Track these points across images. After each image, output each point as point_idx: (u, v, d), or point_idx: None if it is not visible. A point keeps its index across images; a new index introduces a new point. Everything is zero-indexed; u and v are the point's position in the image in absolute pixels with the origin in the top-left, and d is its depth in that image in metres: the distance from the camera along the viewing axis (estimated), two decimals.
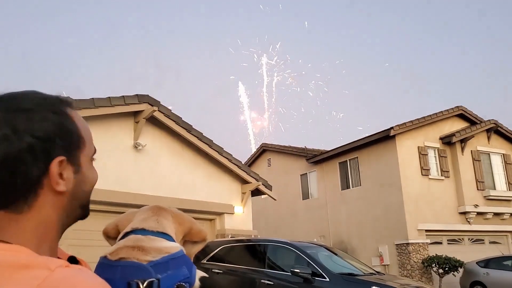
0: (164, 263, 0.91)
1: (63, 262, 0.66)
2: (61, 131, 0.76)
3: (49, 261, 0.65)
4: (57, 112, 0.77)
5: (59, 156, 0.74)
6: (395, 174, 17.32)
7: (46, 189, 0.73)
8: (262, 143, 25.22)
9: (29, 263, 0.63)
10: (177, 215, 1.12)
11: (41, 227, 0.73)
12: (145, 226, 1.01)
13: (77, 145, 0.79)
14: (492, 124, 19.50)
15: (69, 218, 0.80)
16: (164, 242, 0.97)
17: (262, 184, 13.18)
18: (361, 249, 18.03)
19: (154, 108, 10.60)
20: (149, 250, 0.93)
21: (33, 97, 0.77)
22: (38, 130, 0.72)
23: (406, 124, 17.64)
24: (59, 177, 0.74)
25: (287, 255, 8.46)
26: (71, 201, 0.78)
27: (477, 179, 18.76)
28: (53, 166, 0.73)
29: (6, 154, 0.69)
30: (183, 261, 0.96)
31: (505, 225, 19.18)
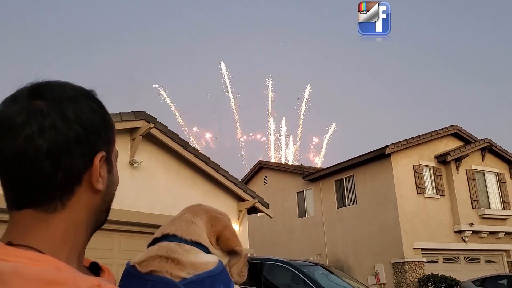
0: (199, 281, 0.82)
1: (94, 280, 0.58)
2: (105, 125, 0.71)
3: (80, 278, 0.57)
4: (99, 104, 0.72)
5: (102, 151, 0.69)
6: (390, 192, 17.36)
7: (84, 187, 0.67)
8: (258, 161, 25.26)
9: (56, 279, 0.55)
10: (213, 216, 1.01)
11: (71, 231, 0.66)
12: (176, 231, 0.92)
13: (113, 142, 0.75)
14: (486, 143, 19.65)
15: (97, 222, 0.73)
16: (201, 256, 0.88)
17: (259, 202, 13.16)
18: (357, 268, 17.94)
19: (151, 125, 10.62)
20: (184, 264, 0.84)
21: (73, 86, 0.71)
22: (87, 120, 0.67)
23: (401, 142, 17.75)
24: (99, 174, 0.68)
25: (283, 274, 8.43)
26: (102, 203, 0.72)
27: (472, 198, 18.82)
28: (96, 161, 0.67)
29: (52, 144, 0.63)
30: (220, 279, 0.86)
31: (500, 243, 19.18)
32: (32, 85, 0.67)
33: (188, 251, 0.87)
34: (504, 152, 20.28)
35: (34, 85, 0.67)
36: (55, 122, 0.63)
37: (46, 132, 0.62)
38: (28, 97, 0.65)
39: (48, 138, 0.62)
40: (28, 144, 0.62)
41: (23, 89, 0.67)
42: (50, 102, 0.65)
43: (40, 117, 0.63)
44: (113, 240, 9.71)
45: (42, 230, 0.63)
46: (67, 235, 0.65)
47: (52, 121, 0.63)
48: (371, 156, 18.12)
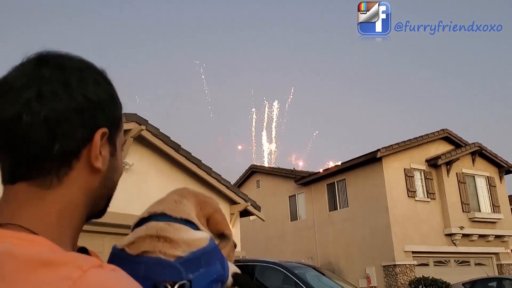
0: (195, 259, 0.77)
1: (96, 260, 0.53)
2: (111, 101, 0.67)
3: (81, 258, 0.52)
4: (106, 79, 0.69)
5: (105, 127, 0.64)
6: (382, 195, 17.44)
7: (82, 163, 0.63)
8: (251, 165, 25.27)
9: (53, 259, 0.51)
10: (201, 198, 0.97)
11: (67, 212, 0.62)
12: (164, 209, 0.87)
13: (118, 125, 0.70)
14: (476, 147, 19.83)
15: (94, 207, 0.68)
16: (192, 233, 0.83)
17: (251, 205, 13.16)
18: (348, 271, 17.97)
19: (142, 127, 10.57)
20: (178, 242, 0.79)
21: (83, 59, 0.68)
22: (92, 92, 0.64)
23: (392, 146, 17.86)
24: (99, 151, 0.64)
25: (275, 276, 8.42)
26: (101, 187, 0.67)
27: (463, 201, 18.96)
28: (97, 135, 0.63)
29: (51, 111, 0.59)
30: (215, 255, 0.82)
31: (490, 247, 19.32)
32: (40, 52, 0.65)
33: (178, 229, 0.82)
34: (494, 156, 20.47)
35: (41, 53, 0.65)
36: (56, 89, 0.60)
37: (45, 98, 0.59)
38: (34, 63, 0.63)
39: (47, 105, 0.59)
40: (25, 109, 0.58)
41: (30, 56, 0.65)
42: (54, 69, 0.62)
43: (41, 82, 0.60)
44: (103, 243, 9.64)
45: (36, 209, 0.59)
46: (62, 216, 0.61)
47: (53, 87, 0.60)
48: (362, 159, 18.20)
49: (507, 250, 19.82)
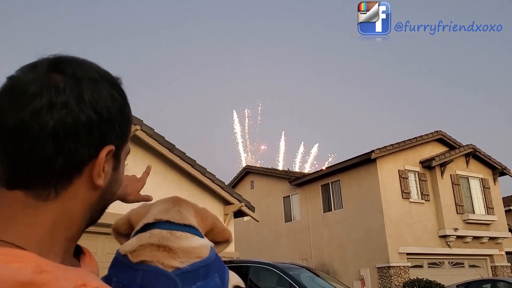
0: (193, 271, 0.78)
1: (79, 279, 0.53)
2: (122, 116, 0.65)
3: (62, 278, 0.51)
4: (121, 93, 0.66)
5: (112, 144, 0.63)
6: (376, 197, 17.46)
7: (83, 179, 0.61)
8: (245, 165, 25.25)
9: (35, 280, 0.49)
10: (199, 209, 0.99)
11: (62, 223, 0.60)
12: (169, 218, 0.88)
13: (126, 139, 0.68)
14: (470, 149, 19.91)
15: (91, 218, 0.67)
16: (193, 240, 0.84)
17: (245, 206, 13.13)
18: (343, 272, 17.97)
19: (137, 127, 10.54)
20: (176, 252, 0.80)
21: (99, 68, 0.66)
22: (103, 107, 0.61)
23: (386, 147, 17.89)
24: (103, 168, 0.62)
25: (269, 277, 8.39)
26: (100, 200, 0.65)
27: (457, 203, 19.02)
28: (103, 154, 0.61)
29: (60, 123, 0.57)
30: (215, 267, 0.83)
31: (484, 248, 19.40)
32: (55, 57, 0.63)
33: (179, 237, 0.83)
34: (488, 158, 20.56)
35: (57, 58, 0.63)
36: (68, 101, 0.58)
37: (56, 109, 0.57)
38: (47, 68, 0.60)
39: (56, 116, 0.57)
40: (34, 117, 0.56)
41: (45, 59, 0.62)
42: (68, 78, 0.60)
43: (54, 92, 0.58)
44: (97, 243, 9.59)
45: (29, 219, 0.57)
46: (56, 228, 0.59)
47: (66, 99, 0.58)
48: (356, 161, 18.22)
49: (501, 252, 19.91)
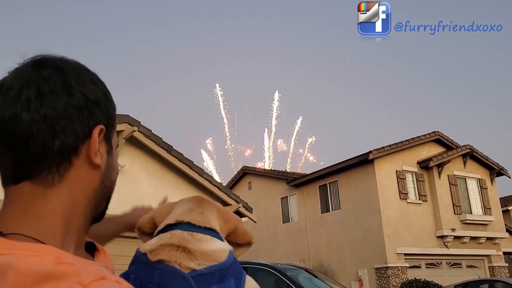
0: (209, 274, 0.79)
1: (98, 272, 0.54)
2: (106, 99, 0.69)
3: (82, 272, 0.52)
4: (100, 80, 0.71)
5: (101, 124, 0.66)
6: (374, 197, 17.47)
7: (81, 160, 0.64)
8: (243, 166, 25.22)
9: (56, 272, 0.50)
10: (222, 210, 0.99)
11: (70, 209, 0.62)
12: (191, 219, 0.89)
13: (113, 124, 0.72)
14: (468, 149, 19.94)
15: (97, 208, 0.69)
16: (212, 243, 0.85)
17: (243, 206, 13.11)
18: (340, 273, 17.97)
19: (134, 128, 10.53)
20: (195, 254, 0.81)
21: (77, 62, 0.70)
22: (89, 91, 0.66)
23: (384, 148, 17.91)
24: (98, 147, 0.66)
25: (267, 278, 8.39)
26: (101, 186, 0.68)
27: (454, 203, 19.05)
28: (95, 132, 0.65)
29: (50, 108, 0.60)
30: (231, 272, 0.83)
31: (481, 249, 19.43)
32: (36, 56, 0.67)
33: (199, 240, 0.84)
34: (485, 158, 20.60)
35: (38, 56, 0.67)
36: (55, 87, 0.62)
37: (45, 96, 0.61)
38: (32, 66, 0.65)
39: (46, 102, 0.60)
40: (25, 107, 0.60)
41: (27, 59, 0.66)
42: (52, 70, 0.64)
43: (41, 82, 0.62)
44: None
45: (41, 209, 0.59)
46: (67, 216, 0.62)
47: (53, 86, 0.62)
48: (354, 161, 18.23)
49: (499, 252, 19.94)
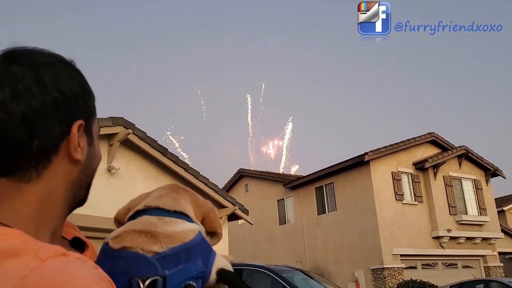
0: (174, 255, 0.76)
1: (58, 249, 0.54)
2: (84, 93, 0.69)
3: (43, 248, 0.54)
4: (77, 71, 0.70)
5: (81, 119, 0.66)
6: (369, 199, 17.50)
7: (61, 156, 0.64)
8: (239, 169, 25.18)
9: (19, 249, 0.52)
10: (197, 197, 0.96)
11: (46, 203, 0.63)
12: (160, 204, 0.86)
13: (93, 113, 0.72)
14: (463, 150, 20.01)
15: (76, 196, 0.70)
16: (180, 225, 0.82)
17: (239, 209, 13.10)
18: (337, 274, 17.98)
19: (129, 131, 10.49)
20: (158, 236, 0.78)
21: (51, 53, 0.69)
22: (64, 86, 0.65)
23: (380, 149, 17.95)
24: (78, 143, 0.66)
25: (263, 279, 8.39)
26: (81, 176, 0.69)
27: (450, 204, 19.10)
28: (74, 128, 0.65)
29: (27, 108, 0.60)
30: (198, 251, 0.80)
31: (477, 249, 19.49)
32: (6, 50, 0.65)
33: (167, 222, 0.81)
34: (481, 159, 20.68)
35: (9, 50, 0.65)
36: (30, 86, 0.61)
37: (20, 96, 0.60)
38: (2, 61, 0.63)
39: (22, 102, 0.60)
40: (1, 108, 0.59)
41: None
42: (25, 66, 0.63)
43: (14, 80, 0.61)
44: None
45: (14, 201, 0.60)
46: (41, 207, 0.62)
47: (27, 84, 0.61)
48: (350, 163, 18.26)
49: (494, 253, 20.01)
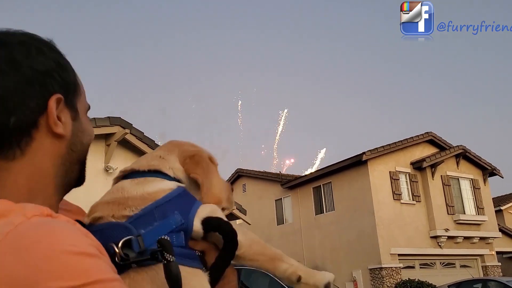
0: (147, 214, 0.73)
1: (45, 209, 0.56)
2: (59, 68, 0.69)
3: (28, 207, 0.55)
4: (52, 48, 0.70)
5: (58, 93, 0.67)
6: (367, 198, 17.50)
7: (42, 132, 0.65)
8: (237, 169, 25.15)
9: (5, 211, 0.54)
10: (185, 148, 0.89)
11: (36, 179, 0.64)
12: (135, 166, 0.83)
13: (74, 89, 0.72)
14: (460, 149, 20.03)
15: (68, 173, 0.70)
16: (152, 184, 0.78)
17: (237, 209, 13.08)
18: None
19: (126, 131, 10.46)
20: (127, 201, 0.75)
21: (25, 32, 0.70)
22: (37, 63, 0.66)
23: (377, 149, 17.95)
24: (57, 117, 0.66)
25: (261, 279, 8.37)
26: (70, 152, 0.69)
27: (447, 204, 19.11)
28: (51, 102, 0.65)
29: (1, 88, 0.61)
30: (174, 204, 0.76)
31: (475, 248, 19.51)
32: None
33: (138, 183, 0.77)
34: (478, 159, 20.70)
35: None
36: (3, 66, 0.62)
37: None
38: None
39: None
40: None
41: None
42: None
43: None
44: None
45: (3, 179, 0.62)
46: (32, 184, 0.63)
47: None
48: (348, 163, 18.25)
49: (492, 252, 20.03)
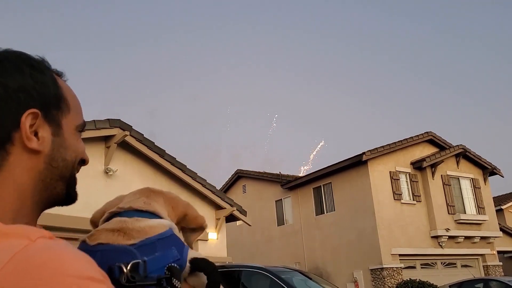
0: (150, 244, 0.79)
1: (46, 233, 0.57)
2: (37, 84, 0.69)
3: (31, 230, 0.56)
4: (34, 66, 0.71)
5: (33, 108, 0.67)
6: (368, 199, 17.48)
7: (18, 147, 0.66)
8: (237, 170, 25.13)
9: (6, 231, 0.54)
10: (170, 198, 0.99)
11: (13, 194, 0.64)
12: (133, 205, 0.90)
13: (57, 105, 0.72)
14: (460, 149, 20.01)
15: (47, 189, 0.70)
16: (150, 221, 0.85)
17: (237, 210, 13.06)
18: (336, 275, 17.94)
19: (126, 133, 10.46)
20: (131, 232, 0.81)
21: (7, 50, 0.71)
22: (12, 80, 0.67)
23: (377, 149, 17.93)
24: (31, 132, 0.66)
25: (261, 281, 8.33)
26: (49, 168, 0.69)
27: (448, 203, 19.09)
28: (23, 117, 0.66)
29: None
30: (172, 241, 0.84)
31: (476, 248, 19.48)
32: None
33: (138, 220, 0.84)
34: (478, 158, 20.68)
35: None
36: None
37: None
38: None
39: None
40: None
41: None
42: None
43: None
44: None
45: None
46: (9, 199, 0.63)
47: None
48: (348, 163, 18.23)
49: (493, 251, 20.00)
